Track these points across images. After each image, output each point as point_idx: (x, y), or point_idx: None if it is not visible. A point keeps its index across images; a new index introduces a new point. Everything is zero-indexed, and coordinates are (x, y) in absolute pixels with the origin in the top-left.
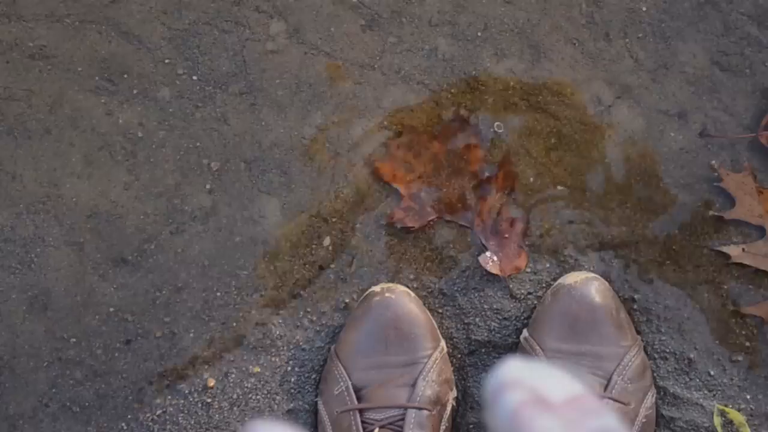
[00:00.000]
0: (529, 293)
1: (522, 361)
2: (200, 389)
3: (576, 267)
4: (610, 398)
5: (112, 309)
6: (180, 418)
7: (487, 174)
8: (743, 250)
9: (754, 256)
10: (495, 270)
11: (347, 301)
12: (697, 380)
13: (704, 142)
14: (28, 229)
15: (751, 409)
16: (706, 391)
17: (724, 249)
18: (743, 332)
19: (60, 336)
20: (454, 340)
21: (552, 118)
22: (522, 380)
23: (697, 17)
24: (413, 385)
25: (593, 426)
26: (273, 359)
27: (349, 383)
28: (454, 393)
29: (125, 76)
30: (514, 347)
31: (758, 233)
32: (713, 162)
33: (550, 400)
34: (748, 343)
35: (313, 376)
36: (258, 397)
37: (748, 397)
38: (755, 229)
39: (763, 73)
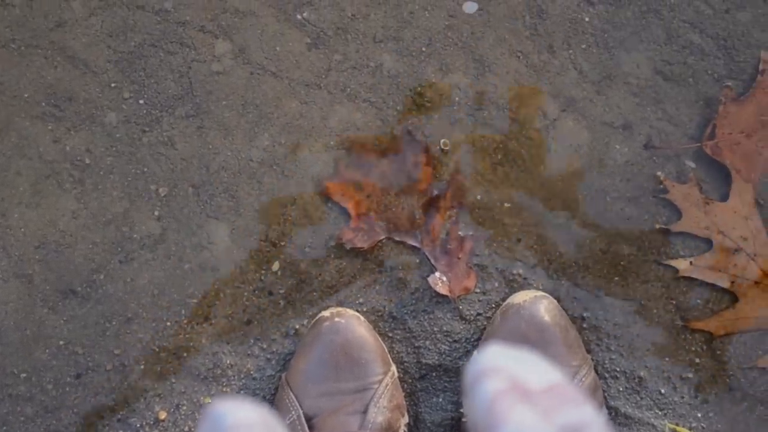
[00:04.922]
0: (479, 314)
1: (501, 347)
2: (152, 422)
3: (525, 286)
4: None
5: (62, 342)
6: None
7: (435, 192)
8: (691, 263)
9: (702, 269)
10: (444, 291)
11: (297, 327)
12: (648, 399)
13: (649, 153)
14: None
15: (702, 427)
16: (657, 410)
17: (672, 263)
18: (693, 348)
19: (10, 371)
20: (405, 364)
21: (497, 134)
22: (500, 367)
23: (640, 26)
24: (364, 412)
25: (570, 415)
26: (224, 389)
27: (300, 412)
28: (405, 419)
29: (72, 101)
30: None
31: (706, 245)
32: (659, 173)
33: (528, 388)
34: (697, 360)
35: (265, 405)
36: None
37: (699, 415)
38: (702, 241)
39: (706, 82)
